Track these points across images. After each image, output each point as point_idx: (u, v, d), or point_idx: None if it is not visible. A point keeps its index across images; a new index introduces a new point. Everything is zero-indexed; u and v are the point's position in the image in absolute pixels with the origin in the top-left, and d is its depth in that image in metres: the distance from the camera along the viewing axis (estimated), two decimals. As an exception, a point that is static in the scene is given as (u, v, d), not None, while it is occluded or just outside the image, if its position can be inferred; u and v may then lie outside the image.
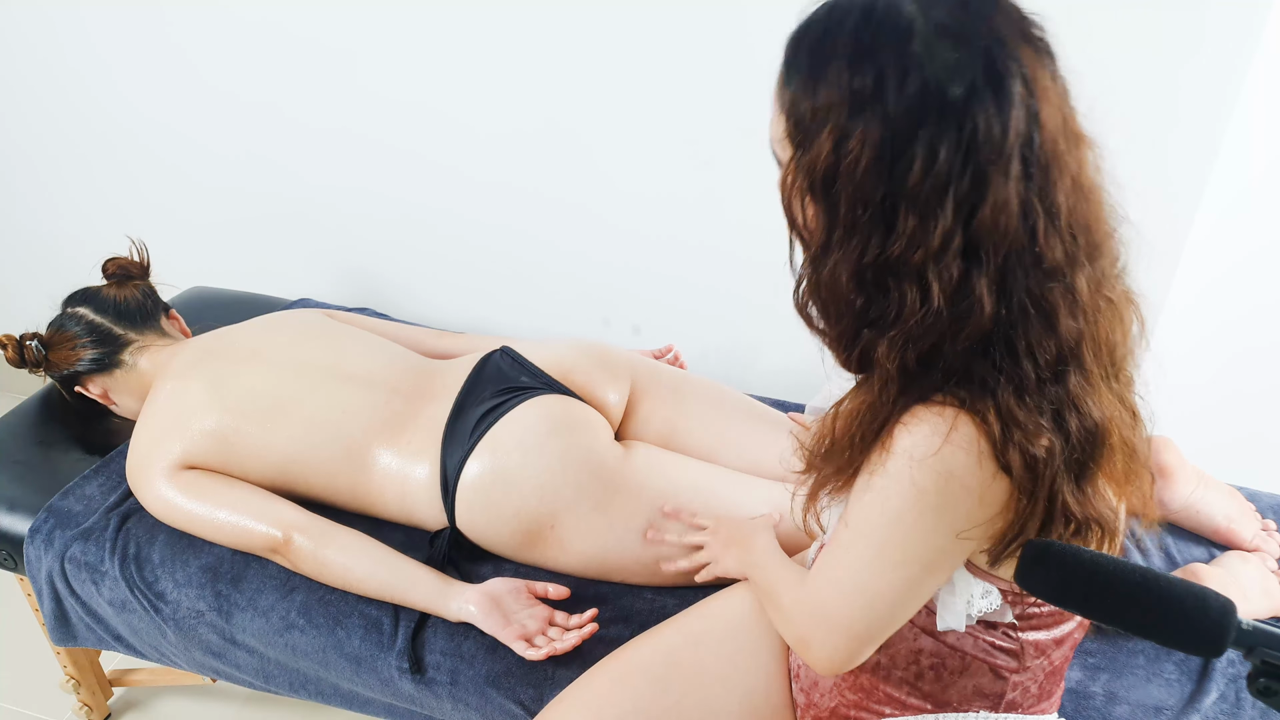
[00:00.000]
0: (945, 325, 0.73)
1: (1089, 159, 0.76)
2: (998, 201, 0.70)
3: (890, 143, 0.70)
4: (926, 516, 0.76)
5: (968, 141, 0.69)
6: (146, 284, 1.59)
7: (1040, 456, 0.73)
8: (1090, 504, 0.77)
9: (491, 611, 1.22)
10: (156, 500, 1.35)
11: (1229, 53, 1.33)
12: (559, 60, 1.64)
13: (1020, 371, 0.73)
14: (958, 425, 0.74)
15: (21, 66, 2.01)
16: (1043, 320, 0.73)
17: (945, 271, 0.71)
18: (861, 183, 0.71)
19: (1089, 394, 0.75)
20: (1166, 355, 1.64)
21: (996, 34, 0.70)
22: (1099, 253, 0.77)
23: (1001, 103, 0.69)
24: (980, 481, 0.74)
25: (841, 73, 0.71)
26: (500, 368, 1.42)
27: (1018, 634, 0.89)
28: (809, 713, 1.03)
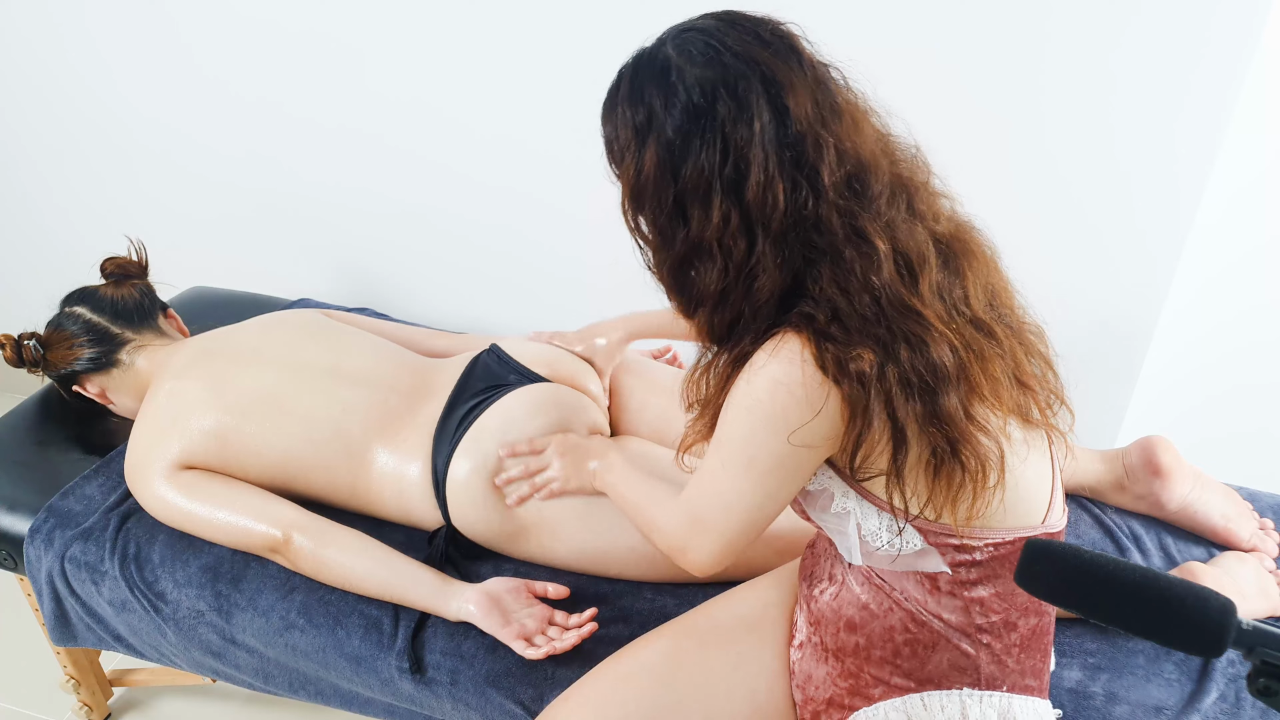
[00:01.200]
0: (742, 288, 0.88)
1: (857, 127, 0.88)
2: (758, 180, 0.84)
3: (668, 156, 0.86)
4: (762, 421, 0.88)
5: (722, 138, 0.84)
6: (144, 283, 1.59)
7: (864, 371, 0.84)
8: (956, 426, 0.86)
9: (491, 611, 1.22)
10: (155, 500, 1.35)
11: (1230, 53, 1.34)
12: (559, 61, 1.64)
13: (836, 306, 0.85)
14: (784, 340, 0.87)
15: (21, 63, 2.01)
16: (840, 268, 0.86)
17: (732, 245, 0.86)
18: (656, 192, 0.88)
19: (918, 326, 0.85)
20: (1166, 353, 1.65)
21: (734, 48, 0.85)
22: (881, 203, 0.87)
23: (740, 101, 0.84)
24: (804, 387, 0.86)
25: (625, 114, 0.89)
26: (489, 366, 1.42)
27: (962, 592, 0.95)
28: (807, 709, 1.04)
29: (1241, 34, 1.32)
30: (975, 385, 0.87)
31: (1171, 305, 1.57)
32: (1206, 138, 1.40)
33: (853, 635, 1.00)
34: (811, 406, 0.86)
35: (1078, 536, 1.39)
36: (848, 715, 1.01)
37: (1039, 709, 0.99)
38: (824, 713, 1.03)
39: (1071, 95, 1.44)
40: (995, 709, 0.97)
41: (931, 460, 0.87)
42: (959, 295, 0.90)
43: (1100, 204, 1.51)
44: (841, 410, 0.86)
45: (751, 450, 0.90)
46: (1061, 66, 1.42)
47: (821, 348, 0.85)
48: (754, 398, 0.88)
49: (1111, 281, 1.57)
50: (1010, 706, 0.97)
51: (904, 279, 0.87)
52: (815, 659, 1.03)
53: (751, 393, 0.88)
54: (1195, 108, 1.39)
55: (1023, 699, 0.98)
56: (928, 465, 0.88)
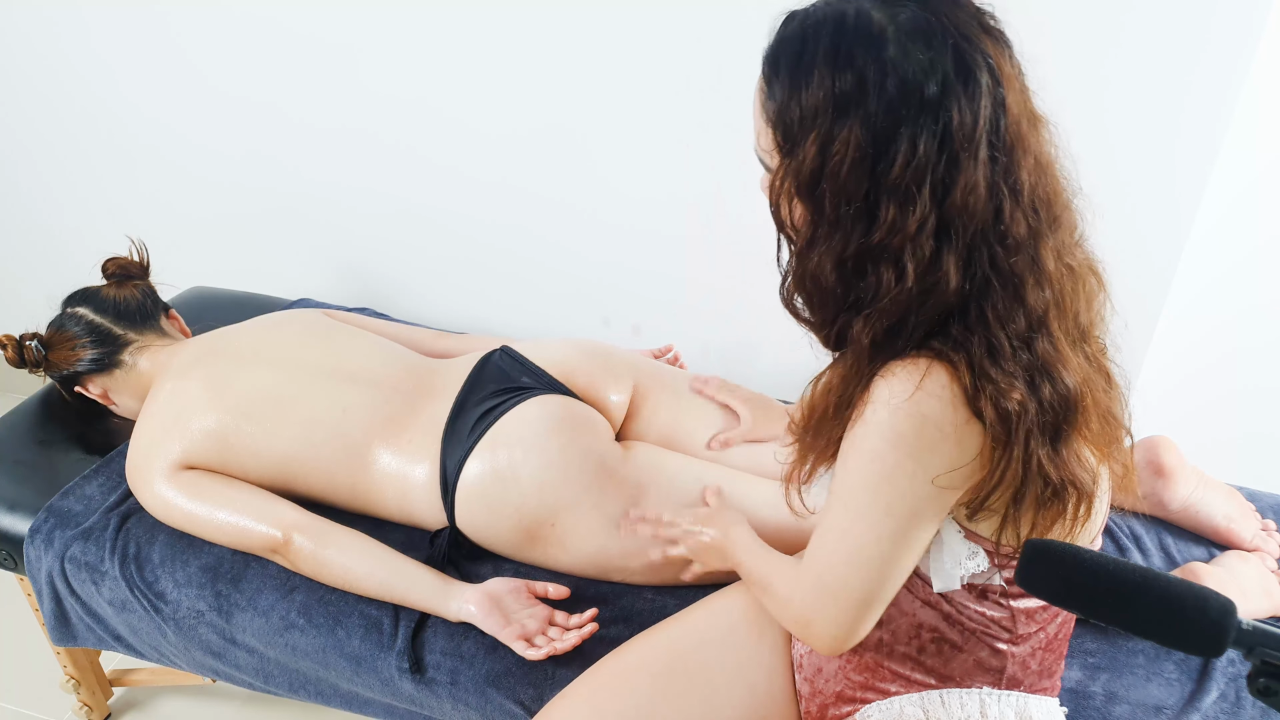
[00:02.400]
0: (914, 300, 0.78)
1: (1046, 137, 0.82)
2: (968, 184, 0.75)
3: (873, 141, 0.75)
4: (905, 461, 0.79)
5: (943, 132, 0.74)
6: (146, 284, 1.59)
7: (1013, 410, 0.77)
8: (1067, 467, 0.81)
9: (491, 611, 1.22)
10: (156, 500, 1.35)
11: (1229, 54, 1.33)
12: (559, 60, 1.64)
13: (991, 335, 0.78)
14: (931, 372, 0.78)
15: (21, 64, 2.01)
16: (1010, 291, 0.78)
17: (919, 252, 0.76)
18: (846, 181, 0.76)
19: (1059, 360, 0.80)
20: (1167, 354, 1.65)
21: (960, 30, 0.75)
22: (1059, 224, 0.82)
23: (972, 93, 0.74)
24: (954, 425, 0.78)
25: (824, 79, 0.75)
26: (501, 367, 1.42)
27: (1009, 601, 0.92)
28: (814, 701, 1.04)
29: (1241, 35, 1.32)
30: (1088, 424, 0.83)
31: (1173, 306, 1.57)
32: (1206, 139, 1.40)
33: (877, 630, 0.97)
34: (962, 450, 0.79)
35: (1078, 537, 1.39)
36: (857, 709, 1.00)
37: (1050, 708, 0.99)
38: (831, 705, 1.02)
39: (1070, 96, 1.43)
40: (1013, 708, 0.96)
41: (1038, 502, 0.82)
42: (1085, 331, 0.86)
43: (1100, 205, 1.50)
44: (985, 451, 0.80)
45: (890, 495, 0.81)
46: (1060, 67, 1.42)
47: (977, 384, 0.77)
48: (895, 433, 0.79)
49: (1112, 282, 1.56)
50: (1027, 706, 0.97)
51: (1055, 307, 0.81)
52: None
53: (893, 428, 0.79)
54: (1195, 109, 1.39)
55: (1038, 699, 0.98)
56: (1035, 503, 0.82)
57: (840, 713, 1.02)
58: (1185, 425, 1.66)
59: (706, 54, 1.54)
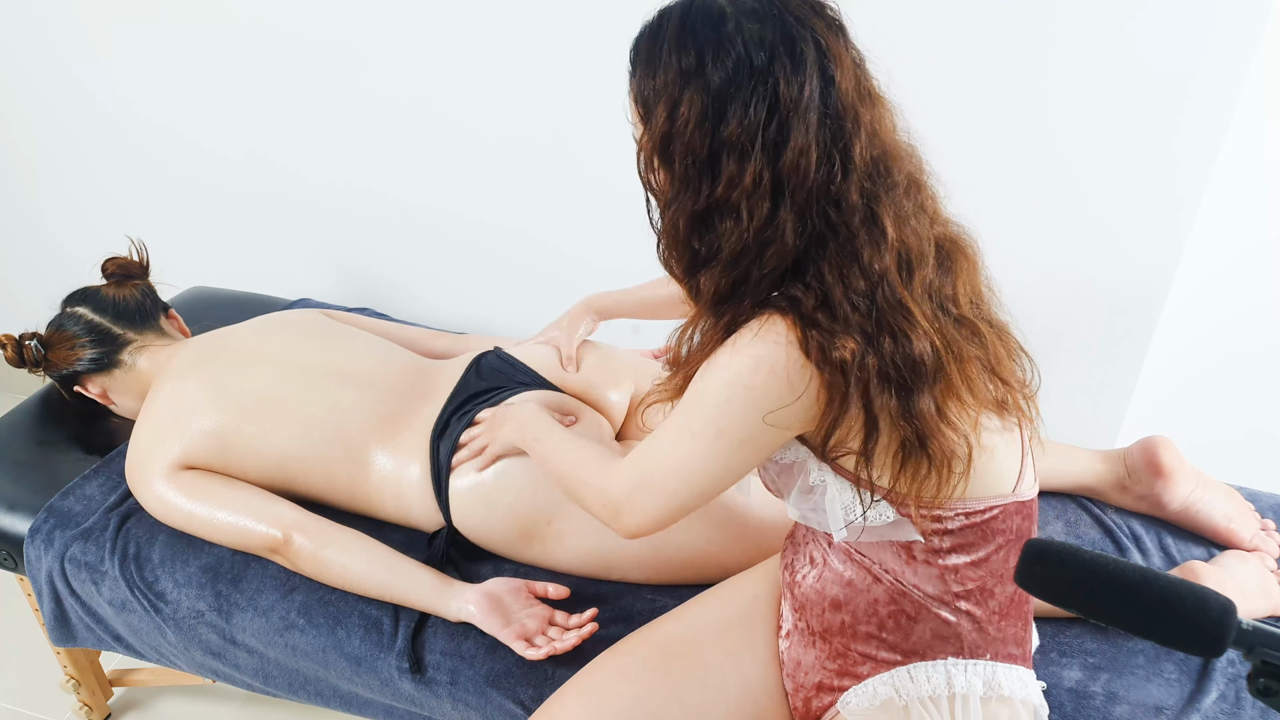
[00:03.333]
0: (753, 252, 0.87)
1: (886, 116, 0.90)
2: (797, 146, 0.83)
3: (711, 105, 0.84)
4: (739, 394, 0.89)
5: (771, 97, 0.83)
6: (146, 284, 1.59)
7: (843, 358, 0.85)
8: (925, 423, 0.88)
9: (491, 611, 1.22)
10: (155, 500, 1.35)
11: (1230, 53, 1.34)
12: (560, 63, 1.64)
13: (826, 290, 0.86)
14: (770, 322, 0.88)
15: (21, 66, 2.01)
16: (847, 250, 0.86)
17: (756, 207, 0.85)
18: (690, 139, 0.86)
19: (904, 320, 0.86)
20: (1167, 354, 1.65)
21: (792, 11, 0.85)
22: (899, 192, 0.88)
23: (797, 64, 0.83)
24: (786, 368, 0.86)
25: (671, 55, 0.86)
26: (492, 367, 1.42)
27: (936, 559, 0.96)
28: (798, 696, 1.06)
29: (1242, 34, 1.32)
30: (951, 384, 0.89)
31: (1173, 305, 1.57)
32: (1207, 137, 1.40)
33: (838, 614, 1.01)
34: (793, 389, 0.87)
35: (1078, 536, 1.39)
36: (838, 696, 1.02)
37: (1023, 677, 1.00)
38: (814, 697, 1.04)
39: (1072, 96, 1.44)
40: (980, 677, 0.98)
41: (900, 451, 0.89)
42: (948, 294, 0.92)
43: (1101, 205, 1.51)
44: (820, 395, 0.87)
45: (723, 421, 0.91)
46: (1062, 66, 1.42)
47: (807, 333, 0.85)
48: (734, 371, 0.89)
49: (1112, 282, 1.56)
50: (995, 674, 0.98)
51: (901, 272, 0.88)
52: (803, 644, 1.04)
53: (733, 366, 0.89)
54: (1196, 108, 1.39)
55: (1006, 667, 0.99)
56: (896, 454, 0.89)
57: (823, 704, 1.03)
58: (1185, 425, 1.67)
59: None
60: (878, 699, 0.99)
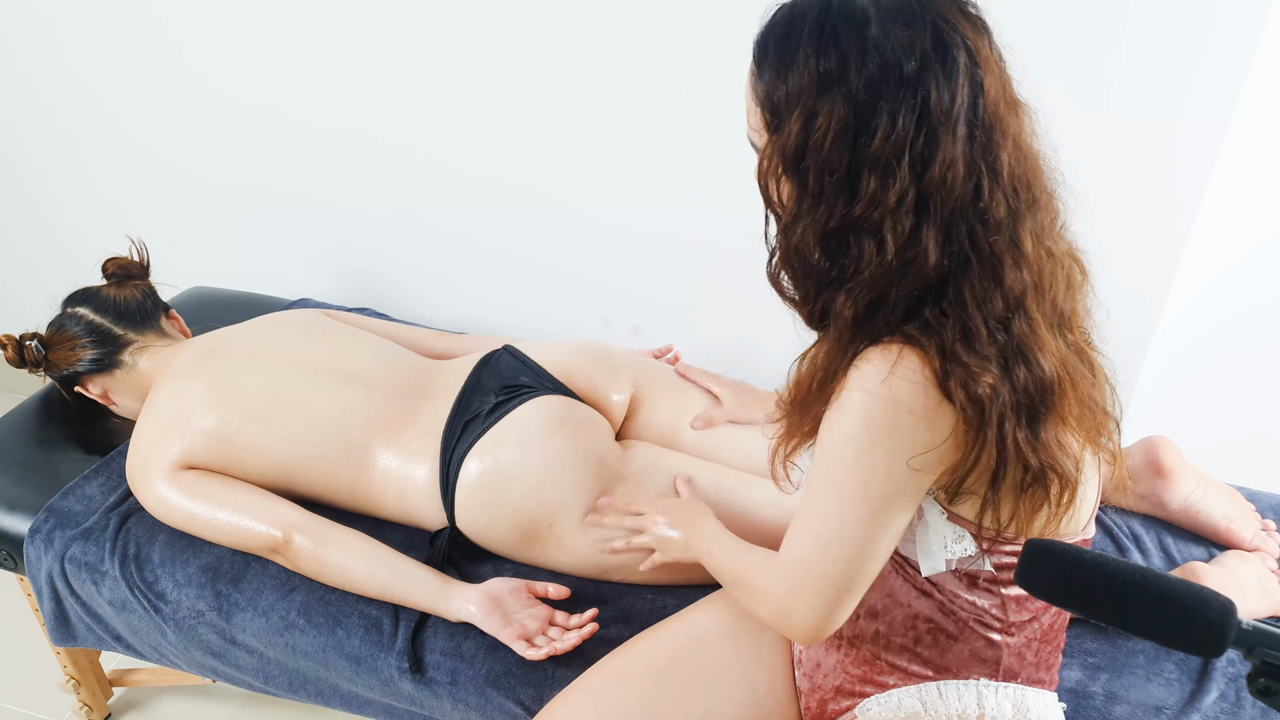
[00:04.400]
0: (894, 274, 0.80)
1: (1027, 123, 0.84)
2: (945, 159, 0.77)
3: (854, 116, 0.78)
4: (879, 443, 0.82)
5: (920, 108, 0.77)
6: (146, 284, 1.59)
7: (984, 394, 0.79)
8: (1048, 452, 0.83)
9: (492, 611, 1.22)
10: (156, 500, 1.35)
11: (1230, 54, 1.33)
12: (559, 61, 1.64)
13: (966, 317, 0.80)
14: (903, 357, 0.81)
15: (20, 66, 2.01)
16: (988, 271, 0.80)
17: (899, 226, 0.79)
18: (829, 154, 0.79)
19: (1036, 343, 0.82)
20: (1167, 354, 1.65)
21: (940, 12, 0.78)
22: (1039, 208, 0.84)
23: (949, 71, 0.77)
24: (926, 408, 0.80)
25: (809, 59, 0.79)
26: (501, 367, 1.42)
27: (999, 589, 0.93)
28: (814, 696, 1.05)
29: (1241, 35, 1.32)
30: (1069, 412, 0.85)
31: (1173, 306, 1.57)
32: (1207, 139, 1.40)
33: (873, 622, 0.99)
34: (934, 433, 0.81)
35: (1078, 537, 1.39)
36: (857, 702, 1.01)
37: (1049, 701, 1.00)
38: (831, 700, 1.03)
39: (1071, 97, 1.43)
40: (1010, 700, 0.97)
41: (1019, 487, 0.84)
42: (1066, 317, 0.88)
43: (1101, 206, 1.50)
44: (960, 434, 0.82)
45: (866, 476, 0.83)
46: (1061, 67, 1.42)
47: (947, 369, 0.79)
48: (869, 417, 0.81)
49: (1112, 282, 1.56)
50: (1024, 698, 0.97)
51: (1034, 292, 0.83)
52: (825, 646, 1.03)
53: (868, 412, 0.81)
54: (1195, 109, 1.39)
55: (1035, 691, 0.99)
56: (1014, 486, 0.84)
57: (840, 707, 1.02)
58: (1185, 425, 1.66)
59: (706, 55, 1.54)
60: (902, 711, 0.97)
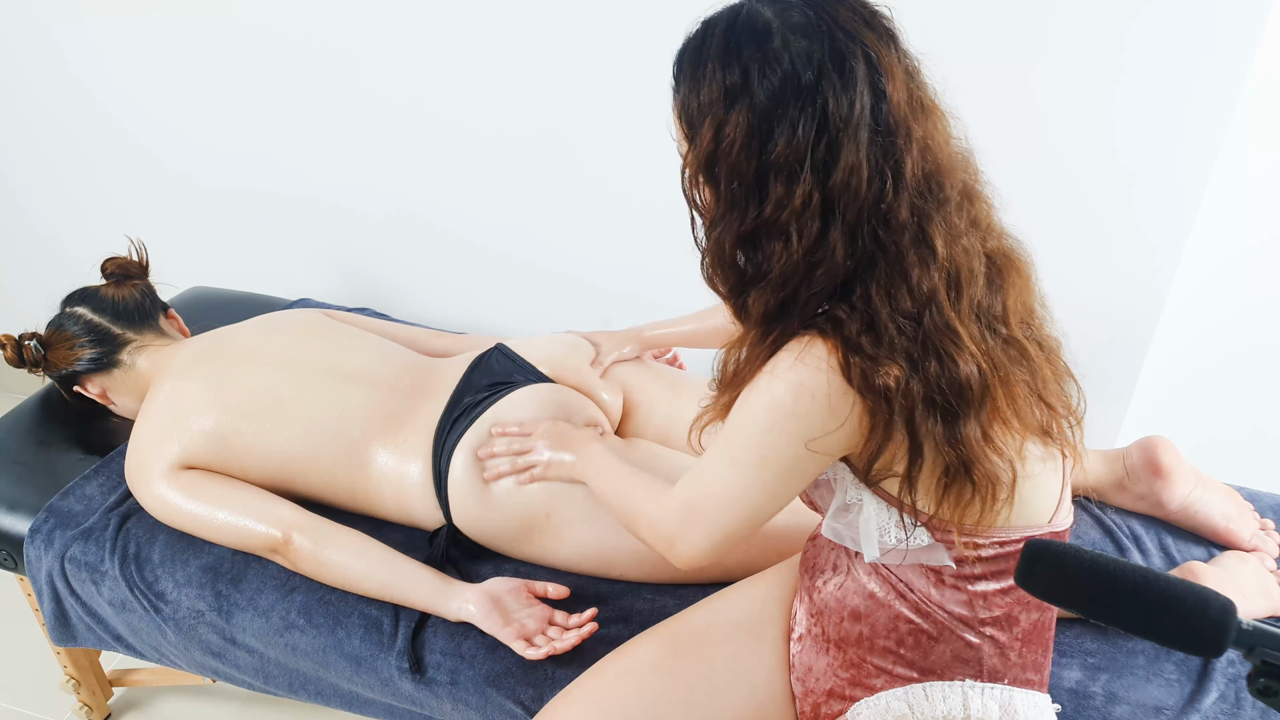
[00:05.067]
0: (803, 273, 0.84)
1: (939, 126, 0.87)
2: (848, 164, 0.81)
3: (758, 125, 0.81)
4: (781, 422, 0.87)
5: (820, 115, 0.80)
6: (145, 284, 1.59)
7: (887, 385, 0.82)
8: (969, 449, 0.85)
9: (491, 611, 1.22)
10: (155, 500, 1.35)
11: (1231, 53, 1.33)
12: (558, 62, 1.64)
13: (873, 313, 0.83)
14: (810, 346, 0.85)
15: (20, 67, 2.01)
16: (895, 270, 0.83)
17: (805, 228, 0.83)
18: (737, 161, 0.83)
19: (950, 342, 0.84)
20: (1166, 353, 1.65)
21: (840, 24, 0.81)
22: (952, 208, 0.86)
23: (846, 80, 0.80)
24: (828, 393, 0.84)
25: (715, 72, 0.83)
26: (492, 365, 1.42)
27: (966, 585, 0.95)
28: (807, 701, 1.05)
29: (1242, 34, 1.32)
30: (998, 409, 0.86)
31: (1172, 305, 1.57)
32: (1207, 137, 1.40)
33: (856, 625, 1.00)
34: (835, 417, 0.85)
35: (1078, 536, 1.39)
36: (848, 706, 1.01)
37: (1039, 703, 1.00)
38: (824, 704, 1.03)
39: (1072, 96, 1.44)
40: (996, 701, 0.97)
41: (944, 477, 0.87)
42: (997, 314, 0.89)
43: (1101, 204, 1.51)
44: (863, 422, 0.85)
45: (765, 450, 0.89)
46: (1063, 66, 1.42)
47: (849, 359, 0.83)
48: (775, 398, 0.86)
49: (1112, 281, 1.56)
50: (1011, 699, 0.98)
51: (950, 292, 0.85)
52: (816, 650, 1.04)
53: (773, 393, 0.87)
54: (1196, 108, 1.39)
55: (1023, 692, 0.99)
56: (939, 479, 0.88)
57: (832, 711, 1.03)
58: (1184, 425, 1.67)
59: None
60: (890, 713, 0.98)
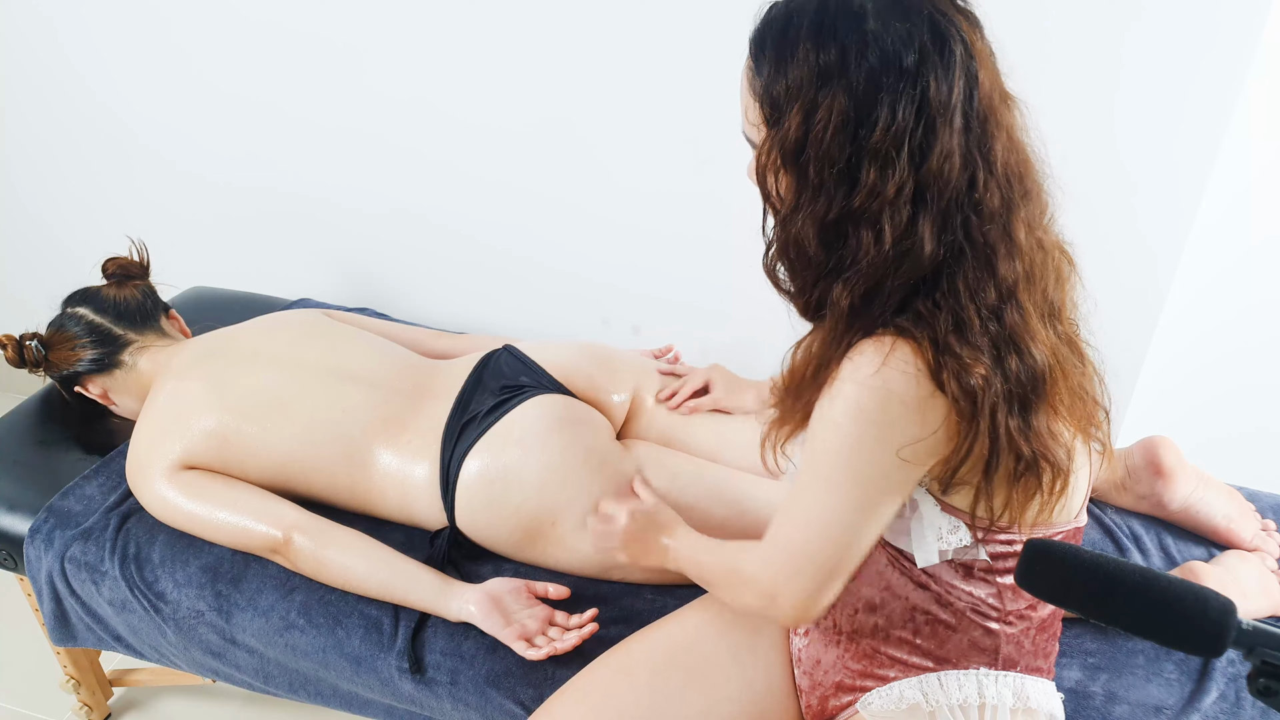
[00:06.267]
0: (890, 264, 0.81)
1: (1018, 116, 0.86)
2: (943, 151, 0.79)
3: (854, 108, 0.79)
4: (869, 433, 0.83)
5: (920, 99, 0.78)
6: (146, 284, 1.59)
7: (977, 385, 0.80)
8: (1040, 440, 0.84)
9: (491, 611, 1.22)
10: (156, 500, 1.35)
11: (1231, 53, 1.33)
12: (559, 58, 1.64)
13: (959, 308, 0.81)
14: (895, 349, 0.82)
15: (21, 65, 2.01)
16: (981, 261, 0.82)
17: (896, 216, 0.80)
18: (829, 146, 0.80)
19: (1027, 333, 0.83)
20: (1167, 353, 1.65)
21: (935, 6, 0.80)
22: (1031, 199, 0.85)
23: (947, 63, 0.79)
24: (917, 399, 0.81)
25: (808, 53, 0.80)
26: (501, 367, 1.42)
27: (995, 578, 0.94)
28: (814, 694, 1.05)
29: (1242, 35, 1.32)
30: (1058, 400, 0.86)
31: (1172, 305, 1.57)
32: (1207, 137, 1.40)
33: (871, 616, 0.99)
34: (926, 424, 0.82)
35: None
36: (858, 697, 1.01)
37: (1047, 689, 1.00)
38: (832, 696, 1.03)
39: (1072, 97, 1.43)
40: (1010, 688, 0.97)
41: (1014, 473, 0.85)
42: (1057, 308, 0.89)
43: (1101, 203, 1.51)
44: (952, 425, 0.83)
45: (859, 464, 0.84)
46: (1063, 66, 1.42)
47: (940, 360, 0.80)
48: (861, 408, 0.82)
49: (1112, 281, 1.56)
50: (1024, 686, 0.98)
51: (1026, 282, 0.84)
52: (824, 643, 1.03)
53: (860, 402, 0.82)
54: (1196, 108, 1.39)
55: (1034, 680, 0.99)
56: (1007, 475, 0.85)
57: (841, 703, 1.03)
58: (1185, 424, 1.66)
59: (706, 51, 1.54)
60: (904, 702, 0.98)
